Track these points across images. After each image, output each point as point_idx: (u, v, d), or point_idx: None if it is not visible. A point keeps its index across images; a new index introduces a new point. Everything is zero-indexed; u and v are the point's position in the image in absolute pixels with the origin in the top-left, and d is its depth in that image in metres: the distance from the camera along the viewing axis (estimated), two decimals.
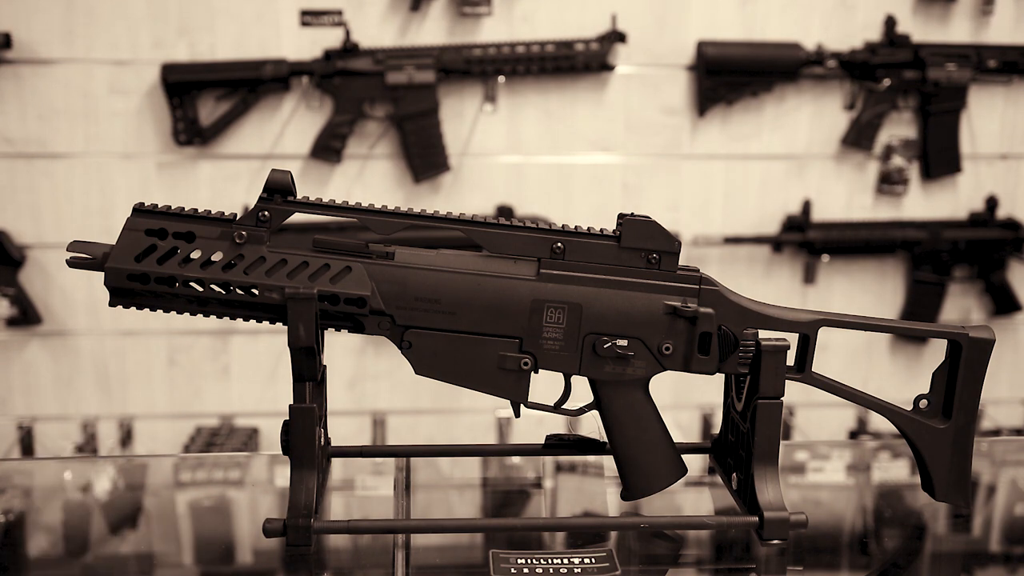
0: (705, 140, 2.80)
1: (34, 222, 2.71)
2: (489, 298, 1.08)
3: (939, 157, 2.82)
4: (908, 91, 2.79)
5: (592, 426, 1.24)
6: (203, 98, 2.67)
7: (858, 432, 2.90)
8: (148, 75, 2.65)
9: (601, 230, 1.10)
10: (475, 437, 2.83)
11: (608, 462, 1.28)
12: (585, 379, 1.13)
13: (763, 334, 1.11)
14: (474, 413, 2.86)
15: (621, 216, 1.11)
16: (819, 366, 1.13)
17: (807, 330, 1.13)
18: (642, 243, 1.10)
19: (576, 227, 1.10)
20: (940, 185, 2.87)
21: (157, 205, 1.06)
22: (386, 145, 2.75)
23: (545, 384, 1.18)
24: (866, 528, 1.33)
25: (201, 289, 1.05)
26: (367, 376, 2.86)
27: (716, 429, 1.55)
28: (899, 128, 2.83)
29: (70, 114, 2.67)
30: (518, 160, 2.78)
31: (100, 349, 2.78)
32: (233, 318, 1.09)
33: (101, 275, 1.04)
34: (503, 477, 1.41)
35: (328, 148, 2.68)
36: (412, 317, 1.08)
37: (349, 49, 2.63)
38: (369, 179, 2.76)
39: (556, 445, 1.25)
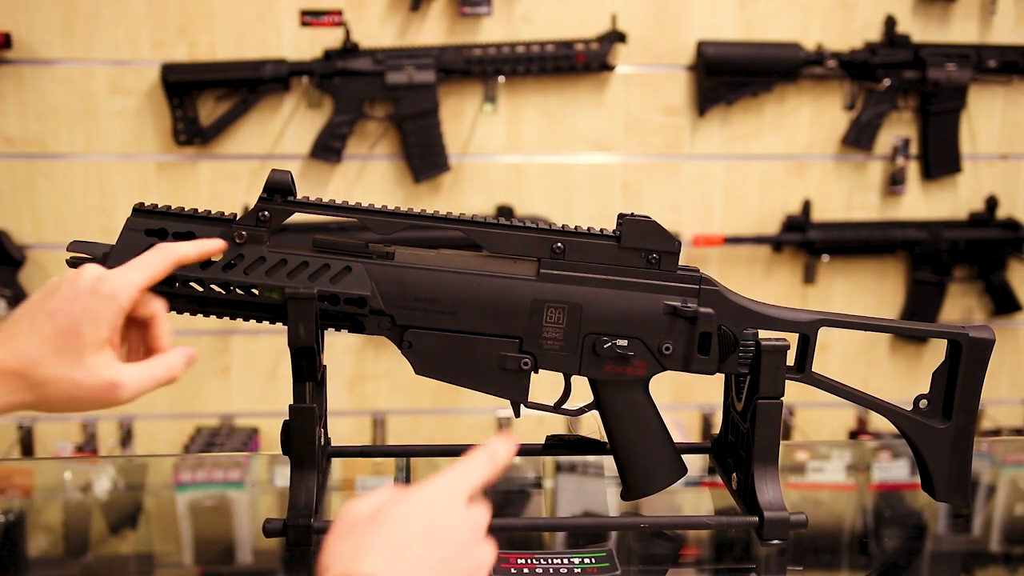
0: (705, 140, 2.80)
1: (34, 222, 2.71)
2: (489, 298, 1.08)
3: (939, 157, 2.82)
4: (908, 91, 2.79)
5: (592, 426, 1.24)
6: (203, 98, 2.67)
7: (858, 432, 2.90)
8: (148, 75, 2.65)
9: (601, 230, 1.10)
10: (475, 437, 2.83)
11: (608, 462, 1.28)
12: (585, 379, 1.13)
13: (763, 334, 1.11)
14: (474, 413, 2.86)
15: (621, 216, 1.11)
16: (819, 366, 1.13)
17: (807, 330, 1.13)
18: (642, 243, 1.10)
19: (576, 227, 1.10)
20: (940, 185, 2.87)
21: (157, 205, 1.06)
22: (386, 145, 2.75)
23: (545, 384, 1.18)
24: (866, 528, 1.33)
25: (201, 289, 1.05)
26: (367, 376, 2.86)
27: (716, 429, 1.55)
28: (899, 128, 2.83)
29: (70, 114, 2.67)
30: (518, 160, 2.78)
31: None
32: (233, 318, 1.09)
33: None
34: (503, 477, 1.41)
35: (328, 148, 2.68)
36: (412, 317, 1.08)
37: (349, 49, 2.63)
38: (369, 179, 2.76)
39: (556, 445, 1.25)
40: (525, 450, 1.30)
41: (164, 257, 0.98)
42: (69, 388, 0.89)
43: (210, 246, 1.02)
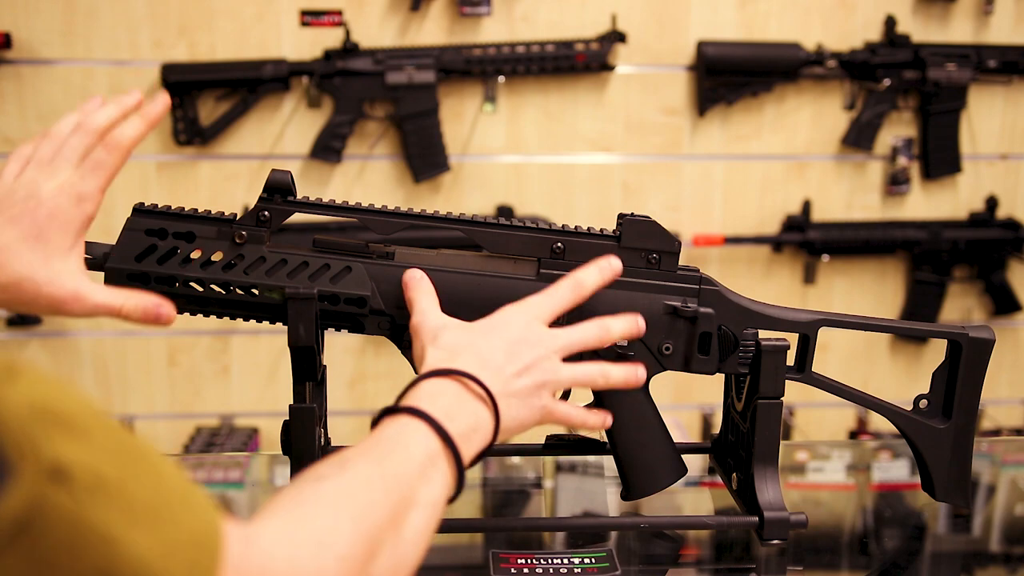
0: (705, 140, 2.80)
1: None
2: (489, 298, 1.08)
3: (939, 157, 2.82)
4: (908, 91, 2.79)
5: None
6: (203, 98, 2.67)
7: (858, 432, 2.90)
8: (148, 75, 2.65)
9: (601, 230, 1.10)
10: None
11: (608, 462, 1.28)
12: None
13: (763, 334, 1.11)
14: None
15: (621, 216, 1.11)
16: (819, 366, 1.13)
17: (807, 330, 1.13)
18: (642, 243, 1.10)
19: (576, 227, 1.10)
20: (940, 185, 2.87)
21: (157, 205, 1.06)
22: (386, 145, 2.75)
23: None
24: (866, 528, 1.33)
25: (201, 289, 1.05)
26: (367, 376, 2.86)
27: (716, 429, 1.55)
28: (899, 128, 2.84)
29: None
30: (518, 160, 2.78)
31: (100, 349, 2.78)
32: (233, 318, 1.09)
33: (101, 275, 1.04)
34: (503, 477, 1.41)
35: (328, 148, 2.68)
36: None
37: (349, 49, 2.63)
38: (369, 179, 2.76)
39: (556, 445, 1.25)
40: (525, 450, 1.30)
41: (114, 152, 0.95)
42: (31, 291, 0.90)
43: (154, 110, 0.97)
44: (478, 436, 0.86)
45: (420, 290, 1.01)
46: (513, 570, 1.06)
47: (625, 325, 0.99)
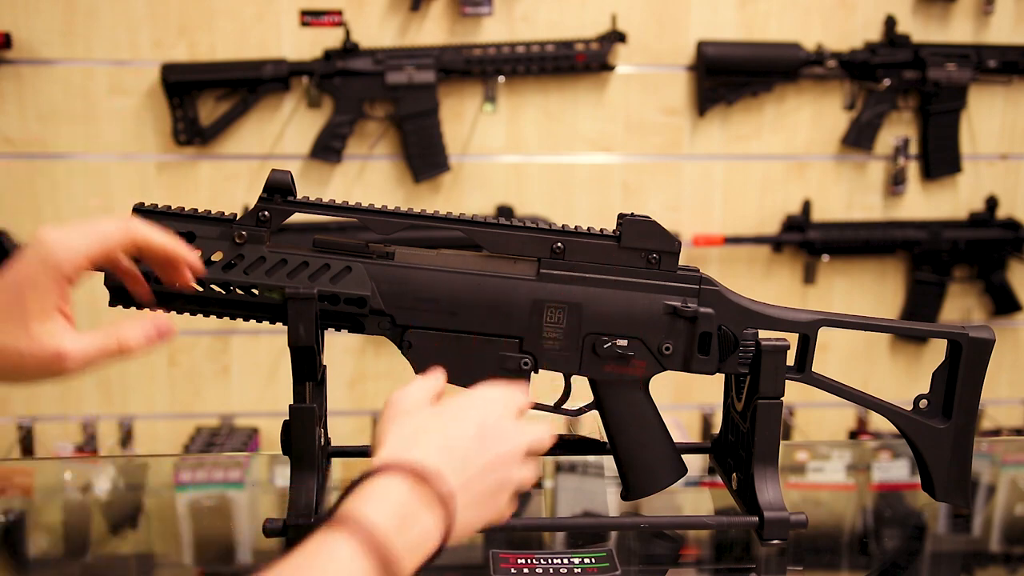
0: (705, 140, 2.80)
1: (34, 222, 2.70)
2: (489, 298, 1.08)
3: (939, 157, 2.82)
4: (908, 91, 2.79)
5: (592, 426, 1.24)
6: (203, 98, 2.67)
7: (858, 432, 2.90)
8: (148, 75, 2.65)
9: (601, 230, 1.10)
10: None
11: (608, 462, 1.28)
12: (585, 379, 1.13)
13: (763, 334, 1.11)
14: None
15: (621, 216, 1.11)
16: (819, 366, 1.13)
17: (807, 330, 1.13)
18: (642, 243, 1.10)
19: (576, 227, 1.10)
20: (940, 185, 2.87)
21: (157, 205, 1.06)
22: (386, 145, 2.75)
23: (545, 384, 1.18)
24: (866, 528, 1.33)
25: (201, 289, 1.05)
26: (367, 376, 2.86)
27: (716, 429, 1.55)
28: (899, 128, 2.83)
29: (70, 114, 2.67)
30: (518, 160, 2.78)
31: None
32: (233, 318, 1.09)
33: (101, 275, 1.04)
34: None
35: (328, 148, 2.68)
36: (412, 317, 1.08)
37: (349, 49, 2.63)
38: (369, 179, 2.76)
39: (556, 445, 1.24)
40: None
41: (123, 234, 0.90)
42: (15, 358, 0.86)
43: (183, 253, 0.93)
44: (424, 547, 0.75)
45: (428, 373, 0.91)
46: (513, 570, 1.06)
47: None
